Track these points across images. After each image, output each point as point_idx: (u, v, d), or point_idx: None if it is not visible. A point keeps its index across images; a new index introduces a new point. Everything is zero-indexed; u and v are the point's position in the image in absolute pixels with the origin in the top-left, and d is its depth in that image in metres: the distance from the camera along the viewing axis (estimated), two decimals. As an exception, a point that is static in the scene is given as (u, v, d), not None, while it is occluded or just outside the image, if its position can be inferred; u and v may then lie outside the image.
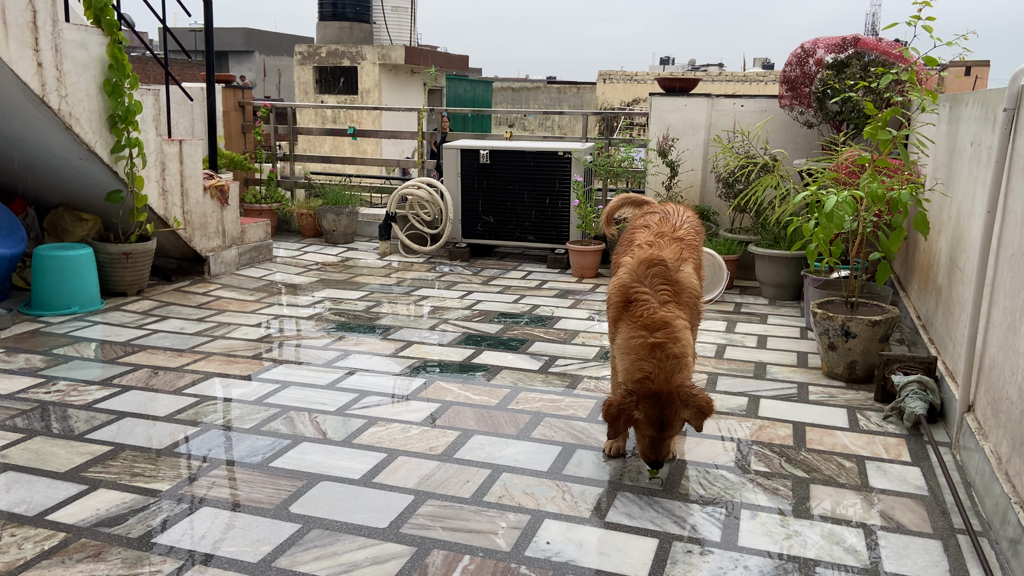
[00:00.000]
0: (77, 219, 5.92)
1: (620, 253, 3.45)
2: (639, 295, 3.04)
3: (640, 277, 3.08)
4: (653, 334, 2.93)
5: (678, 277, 3.10)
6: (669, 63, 43.31)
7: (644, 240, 3.27)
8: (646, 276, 3.08)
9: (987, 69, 26.40)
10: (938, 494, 3.07)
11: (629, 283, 3.09)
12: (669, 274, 3.08)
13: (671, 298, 3.04)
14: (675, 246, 3.22)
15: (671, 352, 2.91)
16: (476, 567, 2.54)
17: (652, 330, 2.94)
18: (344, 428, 3.59)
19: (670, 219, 3.44)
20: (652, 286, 3.05)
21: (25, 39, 4.67)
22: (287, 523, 2.78)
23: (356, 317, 5.44)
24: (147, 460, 3.25)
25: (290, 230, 8.59)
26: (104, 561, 2.54)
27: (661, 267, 3.08)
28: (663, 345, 2.92)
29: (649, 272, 3.08)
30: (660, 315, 2.97)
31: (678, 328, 2.97)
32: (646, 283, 3.06)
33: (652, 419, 2.93)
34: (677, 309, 3.02)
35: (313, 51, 19.50)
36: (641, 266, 3.11)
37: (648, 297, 3.03)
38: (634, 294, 3.05)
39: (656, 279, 3.06)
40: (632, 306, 3.04)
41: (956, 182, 4.18)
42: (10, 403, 3.80)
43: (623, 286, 3.11)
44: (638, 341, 2.95)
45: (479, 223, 7.45)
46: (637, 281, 3.07)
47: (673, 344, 2.92)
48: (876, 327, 4.23)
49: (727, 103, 7.01)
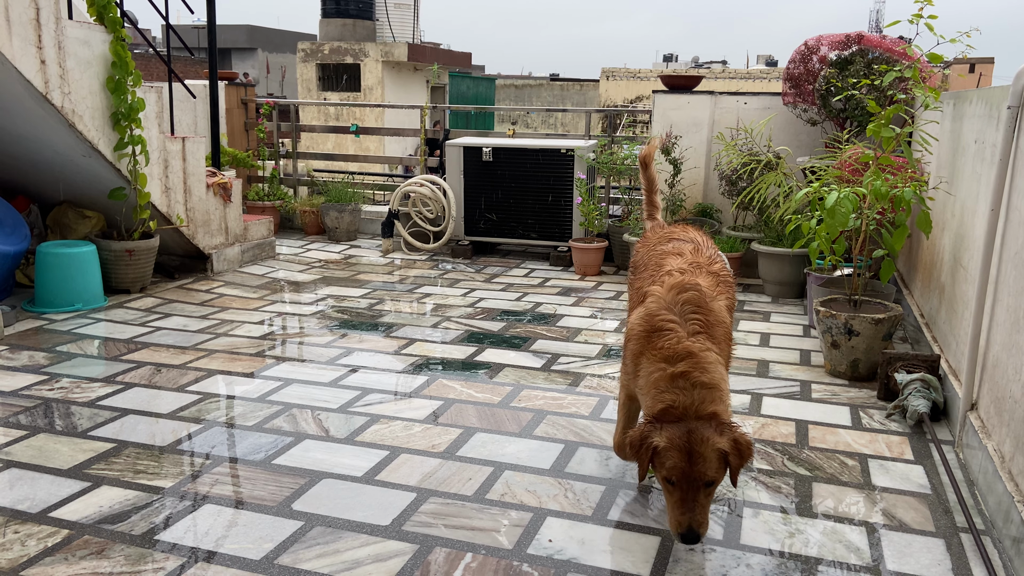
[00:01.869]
0: (80, 216, 5.92)
1: (644, 278, 3.02)
2: (665, 323, 2.61)
3: (669, 304, 2.66)
4: (675, 365, 2.51)
5: (712, 306, 2.69)
6: (672, 60, 43.26)
7: (676, 267, 2.87)
8: (676, 303, 2.66)
9: (991, 66, 26.30)
10: (941, 492, 3.06)
11: (656, 311, 2.66)
12: (703, 301, 2.66)
13: (702, 329, 2.61)
14: (711, 279, 2.85)
15: (698, 380, 2.48)
16: (478, 565, 2.55)
17: (674, 361, 2.52)
18: (347, 425, 3.59)
19: (703, 251, 3.06)
20: (682, 314, 2.63)
21: (28, 36, 4.67)
22: (289, 520, 2.78)
23: (359, 315, 5.44)
24: (150, 457, 3.25)
25: (293, 227, 8.60)
26: (107, 558, 2.54)
27: (695, 293, 2.67)
28: (687, 374, 2.49)
29: (680, 298, 2.66)
30: (685, 345, 2.53)
31: (706, 359, 2.53)
32: (675, 311, 2.64)
33: (678, 445, 2.38)
34: (708, 342, 2.59)
35: (316, 48, 19.50)
36: (672, 291, 2.70)
37: (675, 326, 2.60)
38: (660, 322, 2.62)
39: (687, 306, 2.64)
40: (656, 336, 2.61)
41: (960, 180, 4.17)
42: (13, 400, 3.81)
43: (649, 315, 2.67)
44: (657, 374, 2.53)
45: (482, 220, 7.45)
46: (666, 309, 2.65)
47: (700, 373, 2.49)
48: (879, 325, 4.22)
49: (730, 100, 7.00)
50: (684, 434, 2.39)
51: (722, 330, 2.70)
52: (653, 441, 2.42)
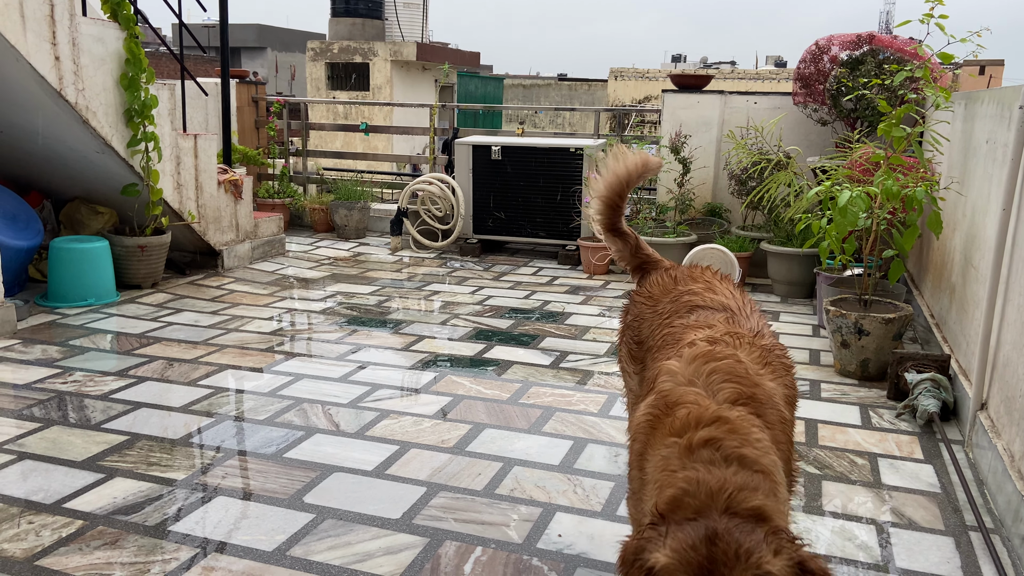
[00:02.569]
0: (93, 212, 5.97)
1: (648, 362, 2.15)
2: (683, 397, 1.72)
3: (690, 378, 1.77)
4: (696, 430, 1.62)
5: (760, 383, 1.78)
6: (681, 61, 43.17)
7: (704, 337, 1.94)
8: (700, 375, 1.77)
9: (1001, 68, 26.20)
10: (950, 491, 3.06)
11: (671, 390, 1.77)
12: (744, 372, 1.77)
13: (742, 399, 1.71)
14: (757, 354, 1.90)
15: (734, 453, 1.56)
16: (488, 558, 2.56)
17: (695, 427, 1.62)
18: (357, 420, 3.61)
19: (742, 320, 2.09)
20: (708, 385, 1.74)
21: (43, 33, 4.71)
22: (301, 513, 2.80)
23: (368, 312, 5.47)
24: (162, 450, 3.28)
25: (302, 225, 8.63)
26: (120, 548, 2.57)
27: (731, 362, 1.79)
28: (715, 442, 1.58)
29: (706, 369, 1.77)
30: (713, 411, 1.65)
31: (746, 425, 1.64)
32: (699, 383, 1.75)
33: (691, 565, 1.36)
34: (753, 416, 1.69)
35: (325, 47, 19.55)
36: (695, 363, 1.80)
37: (696, 396, 1.71)
38: (675, 399, 1.73)
39: (716, 376, 1.76)
40: (668, 416, 1.70)
41: (971, 180, 4.16)
42: (27, 393, 3.84)
43: (661, 397, 1.77)
44: (667, 451, 1.63)
45: (490, 219, 7.47)
46: (686, 384, 1.76)
47: (738, 443, 1.58)
48: (889, 325, 4.22)
49: (740, 100, 7.00)
50: (703, 542, 1.37)
51: (775, 415, 1.75)
52: (649, 559, 1.41)
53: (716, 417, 1.62)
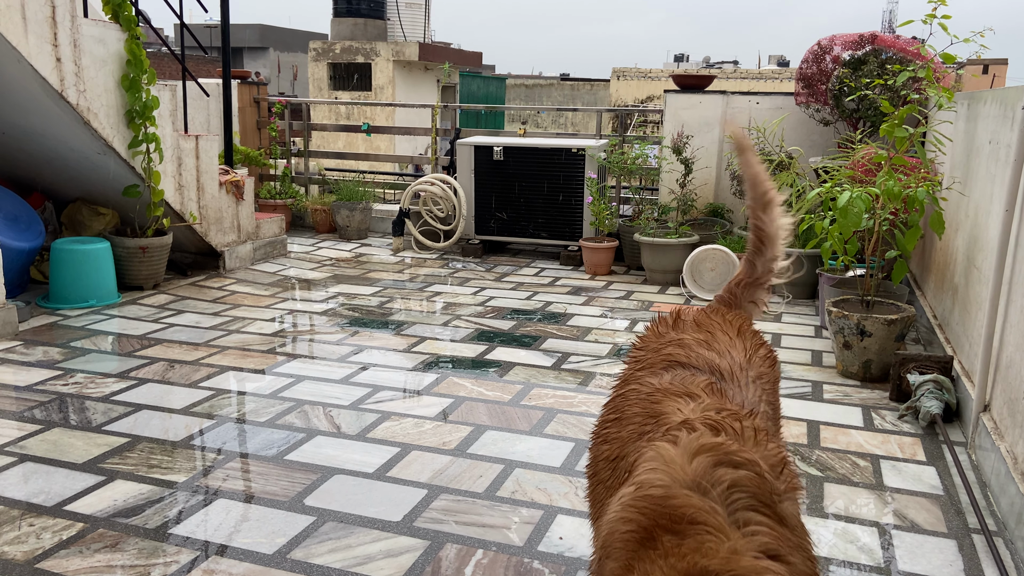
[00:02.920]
0: (94, 213, 5.97)
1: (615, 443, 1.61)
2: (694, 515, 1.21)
3: (694, 480, 1.27)
4: None
5: (783, 510, 1.30)
6: (683, 60, 43.13)
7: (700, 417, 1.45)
8: (712, 483, 1.26)
9: (1005, 68, 26.12)
10: (953, 494, 3.05)
11: (667, 486, 1.26)
12: (768, 492, 1.28)
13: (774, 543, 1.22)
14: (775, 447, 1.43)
15: None
16: (489, 561, 2.55)
17: None
18: (358, 422, 3.61)
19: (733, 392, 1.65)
20: (726, 503, 1.24)
21: (44, 34, 4.71)
22: (302, 515, 2.80)
23: (369, 313, 5.46)
24: (163, 452, 3.27)
25: (304, 226, 8.63)
26: (121, 551, 2.56)
27: (752, 475, 1.29)
28: None
29: (718, 476, 1.27)
30: (748, 565, 1.14)
31: None
32: (711, 495, 1.24)
33: None
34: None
35: (327, 47, 19.55)
36: (699, 458, 1.30)
37: (710, 517, 1.20)
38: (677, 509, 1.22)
39: (737, 493, 1.25)
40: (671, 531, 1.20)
41: (974, 180, 4.15)
42: (28, 395, 3.84)
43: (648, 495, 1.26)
44: None
45: (492, 220, 7.46)
46: (690, 488, 1.25)
47: None
48: (892, 326, 4.20)
49: (742, 100, 6.98)
50: None
51: (801, 556, 1.32)
52: None
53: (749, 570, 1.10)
